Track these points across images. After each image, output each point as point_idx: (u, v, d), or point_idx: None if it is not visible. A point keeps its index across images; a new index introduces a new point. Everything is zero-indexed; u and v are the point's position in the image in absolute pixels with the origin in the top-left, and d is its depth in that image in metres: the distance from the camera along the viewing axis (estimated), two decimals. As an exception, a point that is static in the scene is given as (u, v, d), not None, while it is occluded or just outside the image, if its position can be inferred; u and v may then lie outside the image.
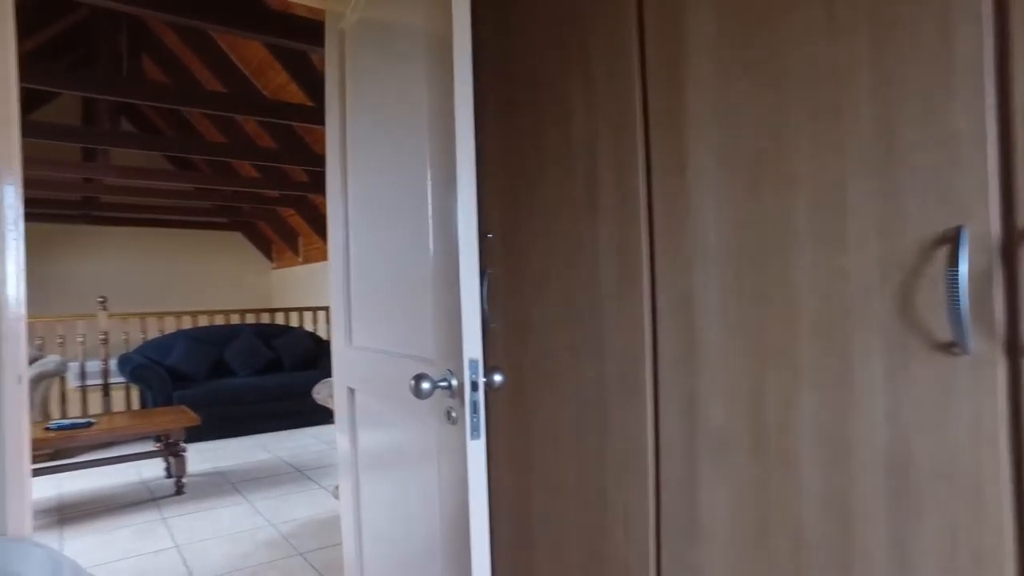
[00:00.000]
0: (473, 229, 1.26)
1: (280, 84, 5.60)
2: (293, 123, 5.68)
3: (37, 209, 7.60)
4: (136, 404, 5.42)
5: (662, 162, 1.09)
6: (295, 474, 4.10)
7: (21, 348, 1.61)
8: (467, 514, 1.23)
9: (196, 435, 4.91)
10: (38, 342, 5.22)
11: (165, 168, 8.12)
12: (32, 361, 4.76)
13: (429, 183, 1.38)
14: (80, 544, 2.98)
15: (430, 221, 1.38)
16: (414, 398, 1.27)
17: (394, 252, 1.61)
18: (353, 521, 1.88)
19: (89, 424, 3.53)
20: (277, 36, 3.36)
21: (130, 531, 3.13)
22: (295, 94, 5.51)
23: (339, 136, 1.89)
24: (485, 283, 1.65)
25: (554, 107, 1.34)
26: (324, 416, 5.61)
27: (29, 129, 6.45)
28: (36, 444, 3.37)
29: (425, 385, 1.26)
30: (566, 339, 1.33)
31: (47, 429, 3.43)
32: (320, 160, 5.61)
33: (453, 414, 1.28)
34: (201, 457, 4.57)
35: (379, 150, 1.67)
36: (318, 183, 6.52)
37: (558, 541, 1.37)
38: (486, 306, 1.63)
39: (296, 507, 3.43)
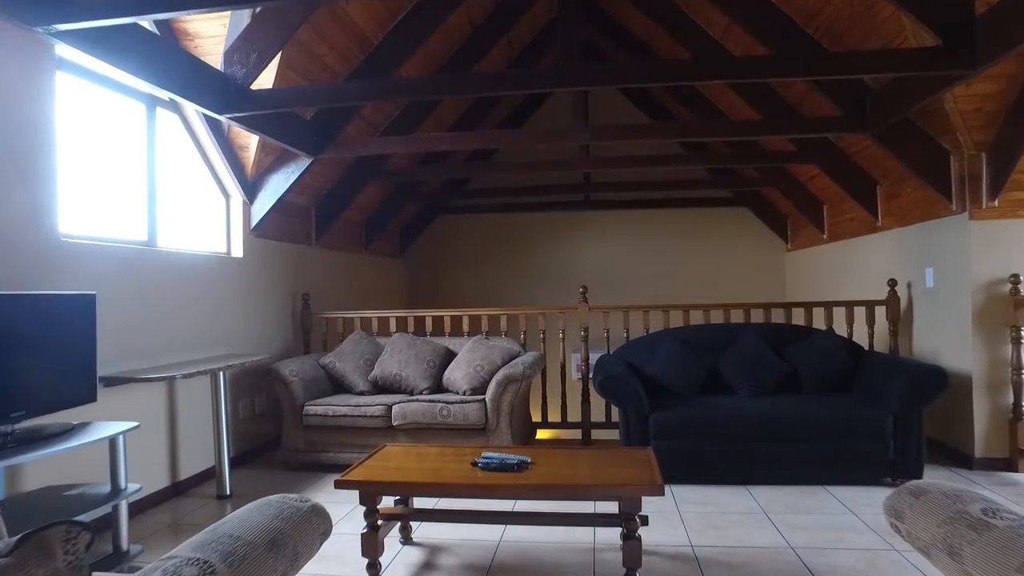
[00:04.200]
0: None
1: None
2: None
3: (537, 198, 7.65)
4: (616, 415, 4.51)
5: None
6: (815, 598, 2.37)
7: None
8: None
9: (676, 476, 3.66)
10: (521, 338, 4.79)
11: (645, 123, 7.16)
12: (510, 358, 4.28)
13: None
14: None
15: None
16: None
17: None
18: None
19: (521, 465, 2.56)
20: None
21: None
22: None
23: None
24: None
25: None
26: (864, 472, 3.64)
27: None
28: (455, 489, 2.56)
29: None
30: None
31: (474, 464, 2.59)
32: (854, 66, 3.40)
33: None
34: (678, 514, 3.26)
35: None
36: (853, 112, 4.21)
37: None
38: None
39: None
